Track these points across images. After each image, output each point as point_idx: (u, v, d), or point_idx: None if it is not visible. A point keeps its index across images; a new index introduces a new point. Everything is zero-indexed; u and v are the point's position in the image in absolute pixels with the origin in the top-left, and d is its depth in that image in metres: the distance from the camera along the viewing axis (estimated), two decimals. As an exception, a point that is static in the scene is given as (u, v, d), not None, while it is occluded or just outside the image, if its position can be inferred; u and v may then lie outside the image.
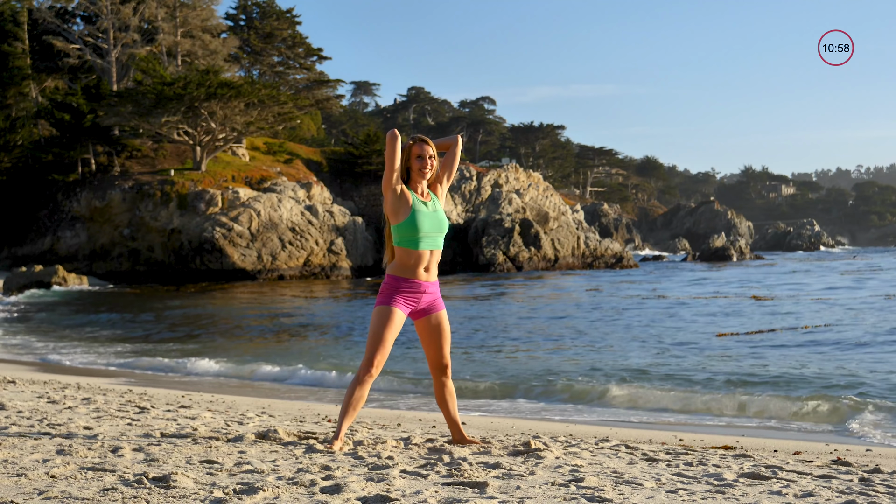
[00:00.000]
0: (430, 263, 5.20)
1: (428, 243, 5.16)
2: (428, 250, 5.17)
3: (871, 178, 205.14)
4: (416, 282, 5.16)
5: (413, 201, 5.13)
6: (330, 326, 20.85)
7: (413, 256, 5.14)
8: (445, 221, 5.26)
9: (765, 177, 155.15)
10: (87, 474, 4.16)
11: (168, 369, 14.27)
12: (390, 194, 5.12)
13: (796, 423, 9.28)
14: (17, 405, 7.01)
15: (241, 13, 68.99)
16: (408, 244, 5.13)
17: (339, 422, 5.14)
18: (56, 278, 35.87)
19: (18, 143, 47.60)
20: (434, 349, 5.32)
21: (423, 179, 5.23)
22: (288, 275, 42.83)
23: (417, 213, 5.12)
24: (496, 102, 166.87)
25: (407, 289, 5.15)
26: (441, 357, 5.33)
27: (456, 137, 5.48)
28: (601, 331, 18.72)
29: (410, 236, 5.12)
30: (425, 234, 5.14)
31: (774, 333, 17.34)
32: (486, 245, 50.42)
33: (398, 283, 5.15)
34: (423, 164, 5.19)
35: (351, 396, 5.06)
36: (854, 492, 4.36)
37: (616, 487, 4.25)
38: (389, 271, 5.22)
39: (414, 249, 5.13)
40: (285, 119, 49.25)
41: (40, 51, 52.71)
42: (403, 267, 5.16)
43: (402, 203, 5.12)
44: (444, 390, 5.38)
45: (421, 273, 5.16)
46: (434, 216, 5.18)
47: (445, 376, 5.37)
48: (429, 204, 5.21)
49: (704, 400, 10.37)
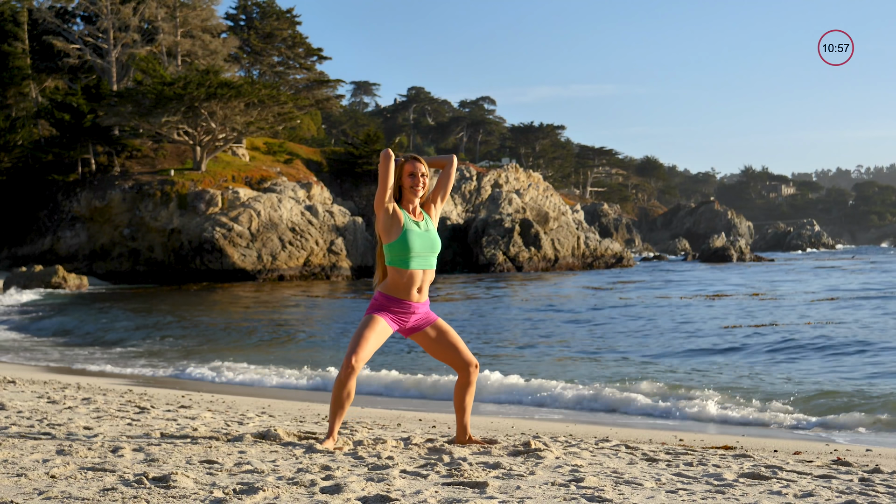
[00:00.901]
0: (422, 284, 5.16)
1: (419, 263, 5.12)
2: (420, 270, 5.13)
3: (871, 178, 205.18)
4: (407, 302, 5.13)
5: (405, 220, 5.10)
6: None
7: (405, 276, 5.10)
8: (438, 241, 5.21)
9: (765, 177, 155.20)
10: (87, 474, 4.16)
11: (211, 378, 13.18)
12: (382, 213, 5.10)
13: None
14: (17, 405, 7.01)
15: (241, 13, 68.99)
16: (399, 264, 5.10)
17: (330, 421, 5.15)
18: (56, 278, 35.86)
19: (18, 143, 47.59)
20: (450, 353, 5.28)
21: (415, 198, 5.19)
22: (288, 275, 42.83)
23: (409, 232, 5.08)
24: (496, 102, 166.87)
25: (396, 308, 5.13)
26: (461, 356, 5.28)
27: (451, 157, 5.42)
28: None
29: (402, 256, 5.08)
30: (417, 254, 5.09)
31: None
32: (486, 245, 50.42)
33: (388, 302, 5.13)
34: (415, 181, 5.15)
35: (337, 395, 5.05)
36: (854, 492, 4.36)
37: (616, 487, 4.25)
38: (380, 289, 5.18)
39: (405, 269, 5.09)
40: (285, 119, 49.24)
41: (40, 51, 52.69)
42: (395, 287, 5.13)
43: (394, 222, 5.09)
44: (469, 387, 5.33)
45: (413, 294, 5.13)
46: (426, 236, 5.14)
47: (473, 372, 5.31)
48: (421, 223, 5.16)
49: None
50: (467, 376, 5.30)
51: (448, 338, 5.27)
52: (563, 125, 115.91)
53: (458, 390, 5.36)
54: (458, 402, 5.37)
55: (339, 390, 5.04)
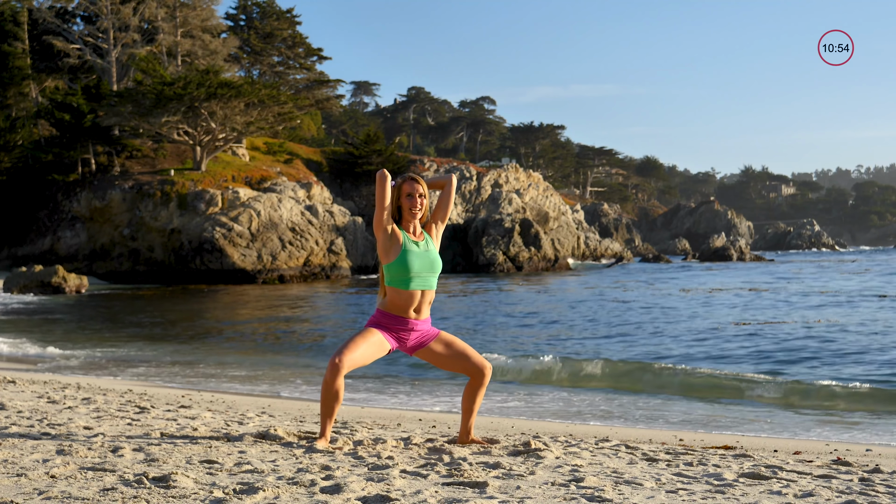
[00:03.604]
0: (421, 304, 5.13)
1: (419, 283, 5.09)
2: (419, 290, 5.10)
3: (871, 178, 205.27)
4: (405, 319, 5.11)
5: (404, 241, 5.08)
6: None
7: (403, 297, 5.08)
8: (438, 261, 5.17)
9: (765, 177, 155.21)
10: (87, 474, 4.16)
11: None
12: (381, 234, 5.07)
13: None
14: (17, 405, 7.01)
15: (241, 13, 69.03)
16: (398, 284, 5.07)
17: (321, 421, 5.15)
18: (56, 278, 35.82)
19: (18, 143, 47.60)
20: (461, 362, 5.24)
21: (413, 219, 5.15)
22: (288, 275, 42.82)
23: (408, 252, 5.05)
24: (496, 102, 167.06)
25: (394, 325, 5.11)
26: (473, 363, 5.24)
27: (450, 177, 5.37)
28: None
29: (401, 276, 5.06)
30: (416, 274, 5.06)
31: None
32: (486, 245, 50.42)
33: (385, 320, 5.12)
34: (413, 202, 5.11)
35: (324, 396, 5.04)
36: (854, 492, 4.36)
37: (616, 487, 4.25)
38: (380, 307, 5.17)
39: (404, 290, 5.07)
40: (285, 119, 49.26)
41: (40, 51, 52.71)
42: (393, 306, 5.11)
43: (393, 243, 5.07)
44: (481, 389, 5.29)
45: (411, 313, 5.11)
46: (426, 256, 5.10)
47: (487, 375, 5.27)
48: (420, 244, 5.13)
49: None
50: (481, 379, 5.27)
51: (456, 348, 5.24)
52: (563, 125, 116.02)
53: (469, 392, 5.33)
54: (466, 404, 5.34)
55: (326, 391, 5.03)
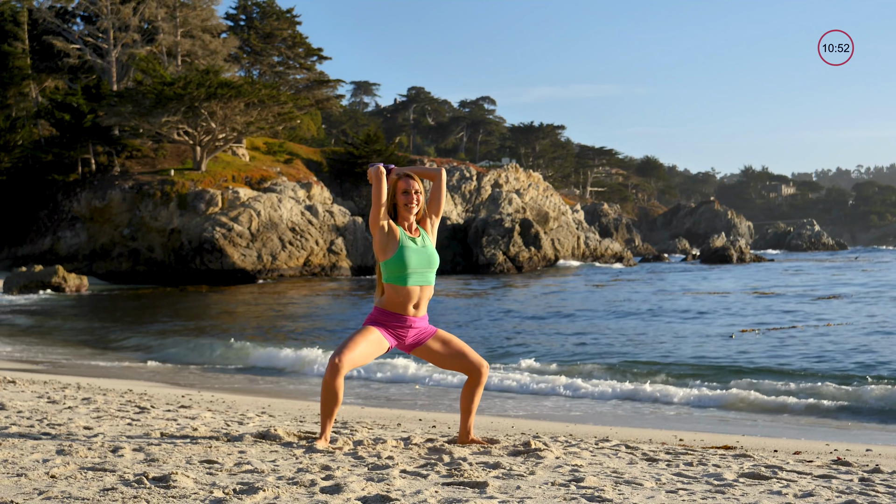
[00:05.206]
0: (419, 300, 5.13)
1: (416, 279, 5.09)
2: (417, 286, 5.10)
3: (871, 178, 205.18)
4: (403, 316, 5.11)
5: (401, 237, 5.09)
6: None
7: (402, 293, 5.08)
8: (436, 256, 5.18)
9: (765, 177, 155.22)
10: (87, 474, 4.16)
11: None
12: (378, 231, 5.08)
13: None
14: (17, 405, 7.01)
15: (241, 13, 69.01)
16: (396, 281, 5.07)
17: (321, 420, 5.15)
18: (56, 278, 35.84)
19: (18, 143, 47.61)
20: (458, 360, 5.25)
21: (410, 215, 5.16)
22: (288, 275, 42.82)
23: (405, 249, 5.06)
24: (496, 102, 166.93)
25: (392, 322, 5.11)
26: (470, 361, 5.25)
27: (440, 170, 5.37)
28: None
29: (398, 273, 5.06)
30: (413, 270, 5.07)
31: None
32: (486, 245, 50.40)
33: (384, 317, 5.12)
34: (408, 199, 5.13)
35: (324, 396, 5.04)
36: (854, 492, 4.36)
37: (616, 487, 4.25)
38: (377, 304, 5.17)
39: (402, 286, 5.07)
40: (285, 119, 49.25)
41: (40, 51, 52.71)
42: (392, 303, 5.11)
43: (390, 239, 5.07)
44: (479, 388, 5.30)
45: (409, 309, 5.11)
46: (423, 251, 5.11)
47: (484, 373, 5.29)
48: (417, 240, 5.14)
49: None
50: (478, 377, 5.28)
51: (454, 346, 5.24)
52: (563, 125, 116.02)
53: (467, 392, 5.33)
54: (465, 404, 5.34)
55: (326, 391, 5.03)
